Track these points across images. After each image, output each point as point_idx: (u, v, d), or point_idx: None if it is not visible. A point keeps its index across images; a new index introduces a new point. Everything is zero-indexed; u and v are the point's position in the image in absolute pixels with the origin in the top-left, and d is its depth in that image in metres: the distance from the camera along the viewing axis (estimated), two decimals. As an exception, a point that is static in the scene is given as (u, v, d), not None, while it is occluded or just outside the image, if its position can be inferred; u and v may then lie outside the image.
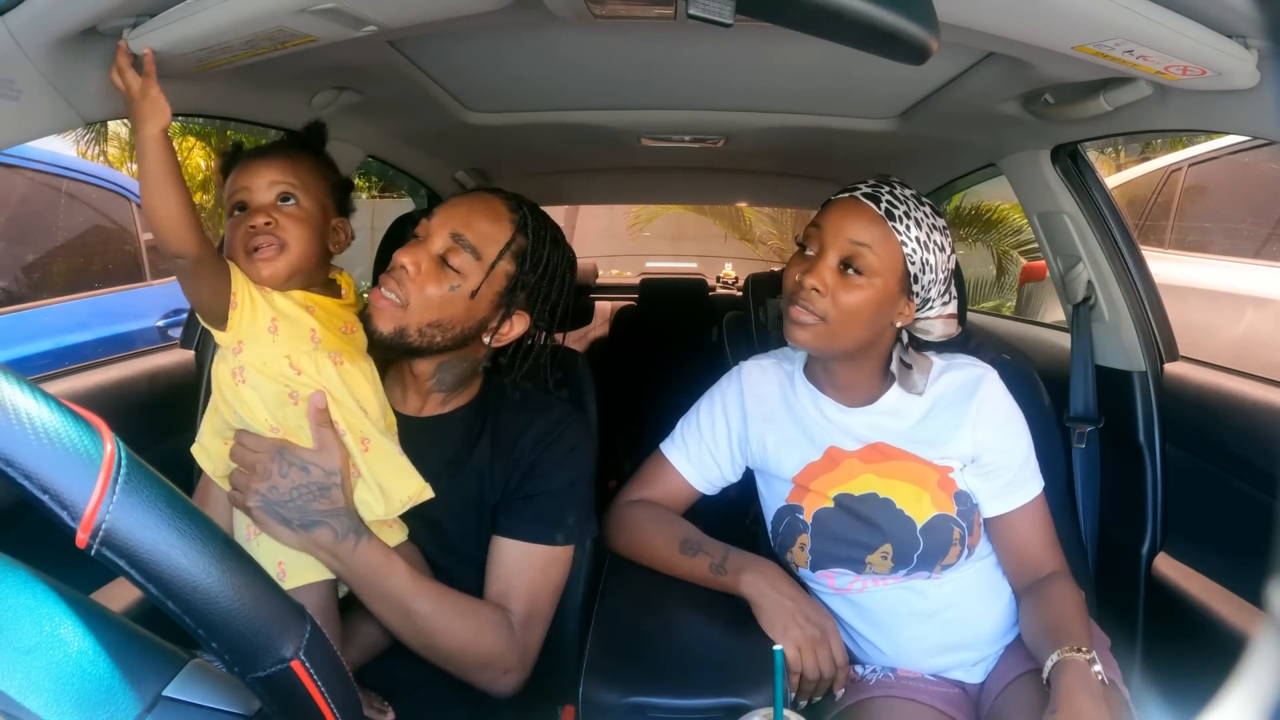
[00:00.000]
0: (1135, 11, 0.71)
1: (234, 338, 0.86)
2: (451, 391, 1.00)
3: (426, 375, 0.98)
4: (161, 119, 0.77)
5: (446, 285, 0.91)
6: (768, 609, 0.95)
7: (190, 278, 0.84)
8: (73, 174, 2.69)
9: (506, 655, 0.91)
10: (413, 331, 0.91)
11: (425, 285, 0.91)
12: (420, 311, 0.91)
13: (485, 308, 0.94)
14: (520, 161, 1.98)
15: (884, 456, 1.02)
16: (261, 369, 0.85)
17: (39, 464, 0.34)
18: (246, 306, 0.86)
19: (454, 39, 1.03)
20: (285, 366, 0.86)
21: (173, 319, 2.68)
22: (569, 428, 1.00)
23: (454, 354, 0.96)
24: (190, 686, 0.41)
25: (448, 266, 0.92)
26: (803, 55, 1.08)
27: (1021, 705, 0.94)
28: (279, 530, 0.83)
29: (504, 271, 0.94)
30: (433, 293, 0.91)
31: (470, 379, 1.01)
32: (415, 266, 0.91)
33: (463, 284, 0.92)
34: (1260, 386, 1.17)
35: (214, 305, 0.85)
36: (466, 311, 0.93)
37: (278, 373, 0.86)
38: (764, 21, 0.66)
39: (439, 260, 0.92)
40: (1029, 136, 1.31)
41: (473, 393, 1.02)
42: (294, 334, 0.88)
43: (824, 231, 0.97)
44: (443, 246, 0.92)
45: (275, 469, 0.83)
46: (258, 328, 0.86)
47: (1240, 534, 1.15)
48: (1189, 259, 2.94)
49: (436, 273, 0.91)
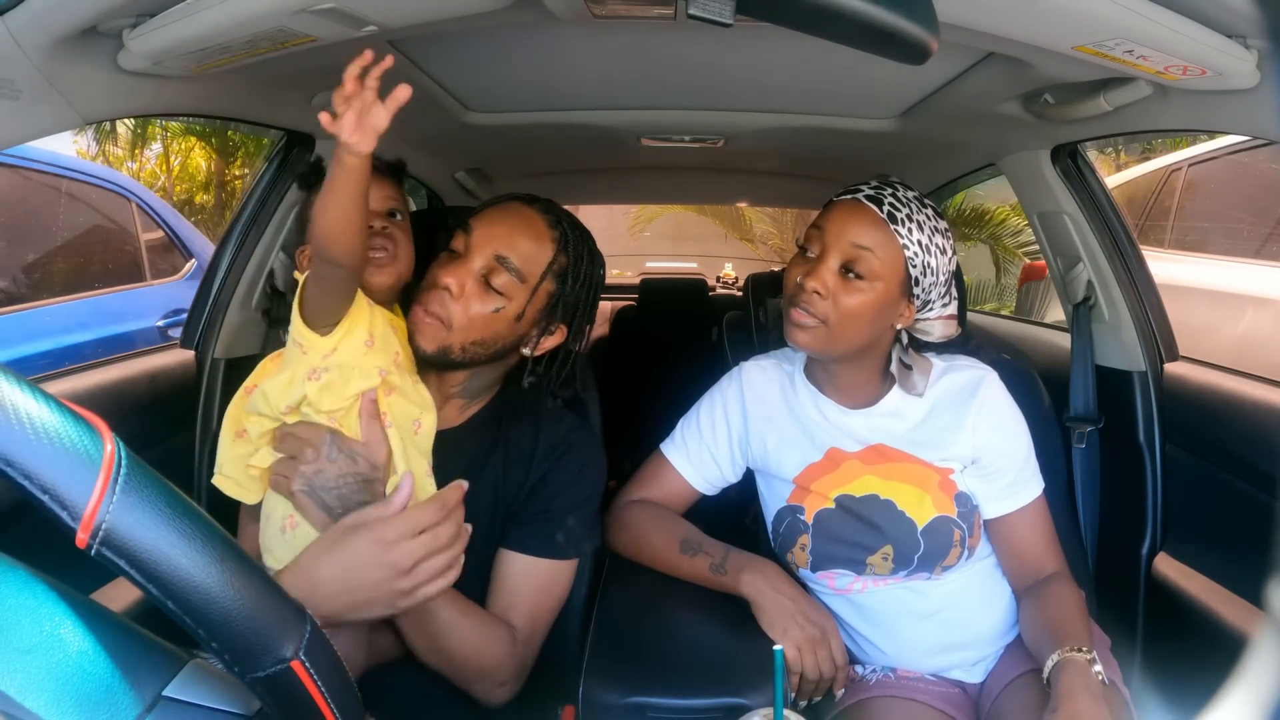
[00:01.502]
0: (1135, 11, 0.71)
1: (331, 344, 0.85)
2: (474, 399, 1.01)
3: (455, 382, 0.98)
4: (368, 145, 0.76)
5: (491, 306, 0.91)
6: (768, 609, 0.95)
7: (334, 287, 0.84)
8: (73, 174, 2.69)
9: (504, 669, 0.91)
10: (456, 350, 0.92)
11: (470, 306, 0.91)
12: (465, 331, 0.91)
13: (528, 326, 0.95)
14: (520, 161, 1.98)
15: (885, 458, 1.02)
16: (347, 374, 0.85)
17: (39, 464, 0.34)
18: (361, 321, 0.87)
19: (454, 39, 1.03)
20: (376, 379, 0.86)
21: (173, 319, 2.68)
22: (580, 443, 1.00)
23: (490, 365, 0.97)
24: (190, 686, 0.41)
25: (491, 288, 0.91)
26: (803, 55, 1.08)
27: (1021, 705, 0.94)
28: (320, 517, 0.82)
29: (546, 291, 0.94)
30: (477, 313, 0.91)
31: (494, 385, 1.02)
32: (460, 288, 0.90)
33: (507, 305, 0.92)
34: (1260, 386, 1.17)
35: (334, 313, 0.85)
36: (510, 330, 0.94)
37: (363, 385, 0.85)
38: (764, 21, 0.66)
39: (482, 280, 0.92)
40: (1029, 136, 1.31)
41: (487, 400, 1.03)
42: (384, 352, 0.89)
43: (826, 234, 0.97)
44: (485, 267, 0.92)
45: (324, 454, 0.83)
46: (358, 340, 0.87)
47: (1240, 534, 1.15)
48: (1189, 259, 2.94)
49: (481, 294, 0.91)
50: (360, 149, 0.76)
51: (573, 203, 4.17)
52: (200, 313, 1.44)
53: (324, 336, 0.86)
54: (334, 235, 0.79)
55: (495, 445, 0.99)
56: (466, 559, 0.95)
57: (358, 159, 0.76)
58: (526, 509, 0.96)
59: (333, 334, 0.86)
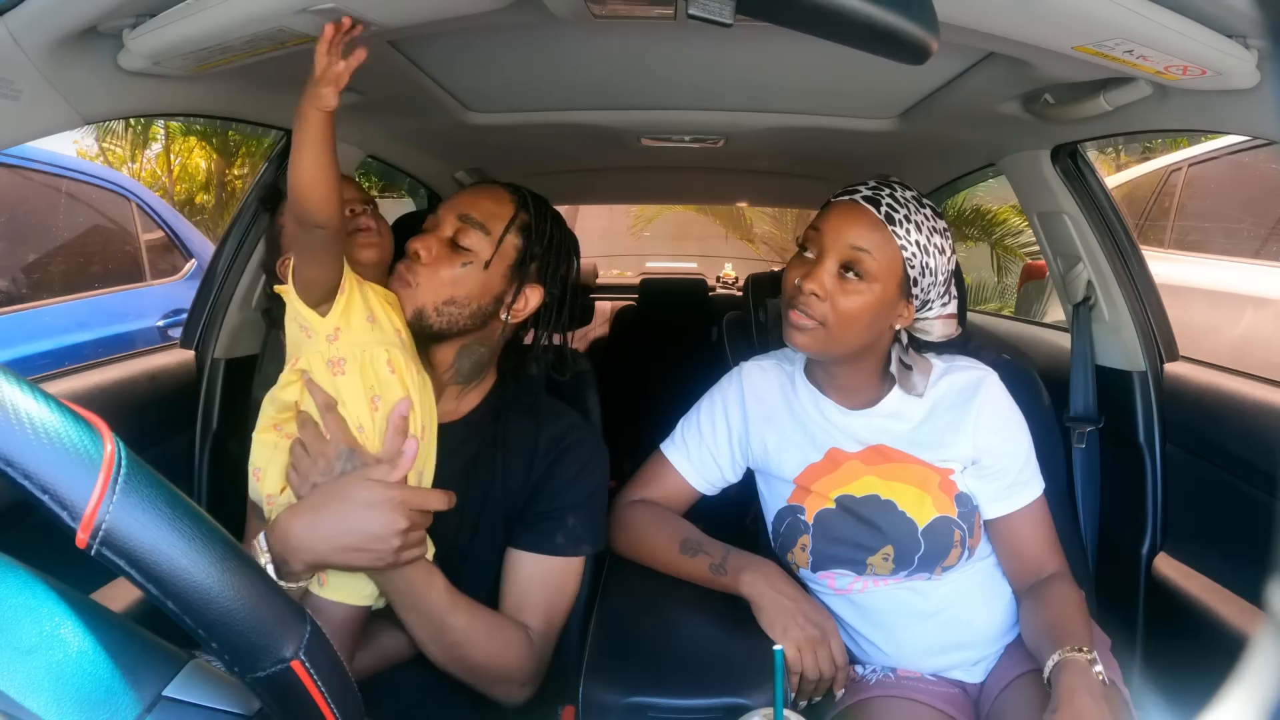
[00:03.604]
0: (1135, 11, 0.71)
1: (334, 323, 0.88)
2: (468, 383, 1.01)
3: (445, 364, 0.99)
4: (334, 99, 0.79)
5: (459, 263, 0.94)
6: (768, 609, 0.95)
7: (318, 251, 0.86)
8: (73, 174, 2.69)
9: (523, 670, 0.92)
10: (430, 311, 0.94)
11: (438, 267, 0.94)
12: (434, 290, 0.93)
13: (499, 281, 0.96)
14: (520, 161, 1.98)
15: (885, 459, 1.02)
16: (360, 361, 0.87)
17: (39, 464, 0.34)
18: (355, 294, 0.89)
19: (454, 39, 1.03)
20: (383, 363, 0.89)
21: (173, 319, 2.68)
22: (581, 439, 1.01)
23: (474, 335, 0.98)
24: (190, 686, 0.41)
25: (459, 247, 0.95)
26: (803, 55, 1.08)
27: (1022, 705, 0.94)
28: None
29: (512, 245, 0.97)
30: (445, 272, 0.94)
31: (485, 368, 1.03)
32: (427, 252, 0.94)
33: (475, 260, 0.95)
34: (1260, 386, 1.17)
35: (322, 285, 0.87)
36: (482, 286, 0.95)
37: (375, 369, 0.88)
38: (764, 21, 0.66)
39: (449, 243, 0.95)
40: (1029, 136, 1.31)
41: (485, 390, 1.03)
42: (388, 328, 0.92)
43: (824, 235, 0.96)
44: (452, 229, 0.96)
45: (339, 467, 0.84)
46: (359, 315, 0.89)
47: (1240, 534, 1.15)
48: (1189, 259, 2.94)
49: (448, 254, 0.95)
50: (329, 102, 0.79)
51: (573, 203, 4.17)
52: (200, 313, 1.44)
53: (324, 316, 0.87)
54: (309, 191, 0.81)
55: (495, 442, 0.99)
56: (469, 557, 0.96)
57: (323, 113, 0.79)
58: (531, 508, 0.97)
59: (331, 313, 0.87)
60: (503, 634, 0.90)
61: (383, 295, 0.94)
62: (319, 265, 0.86)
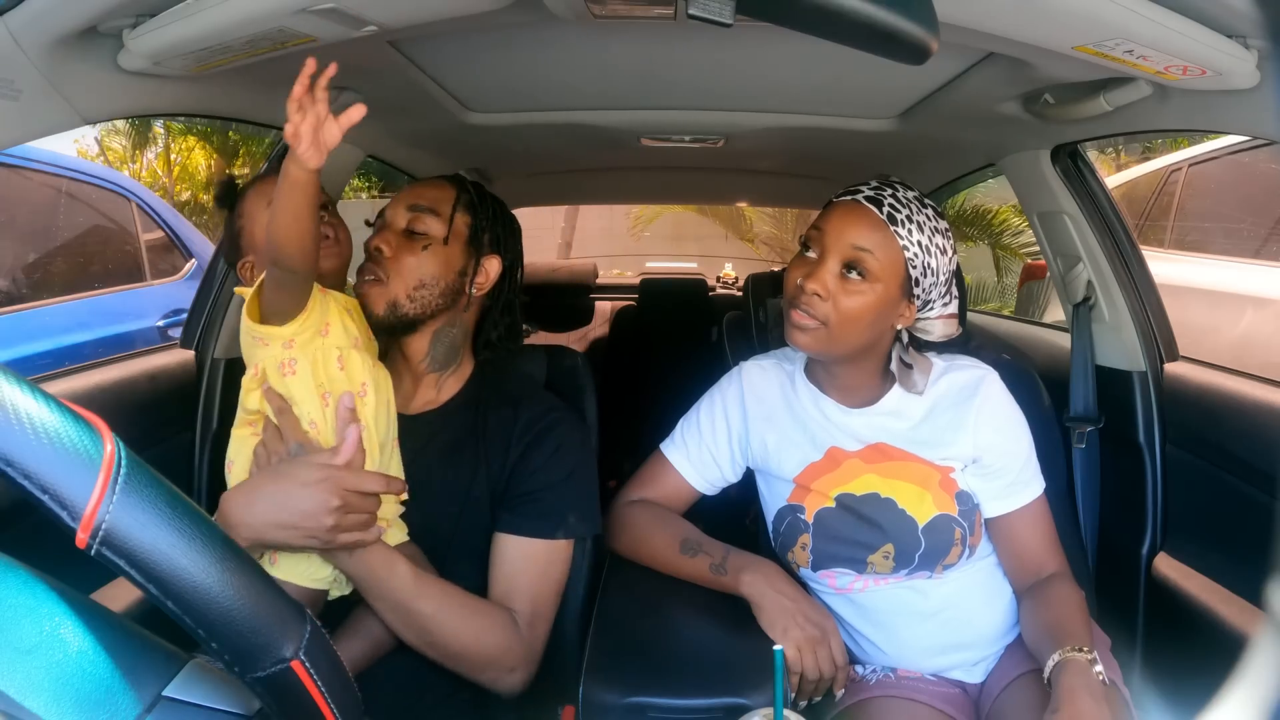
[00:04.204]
0: (1135, 11, 0.71)
1: (290, 335, 0.90)
2: (444, 369, 1.04)
3: (421, 353, 1.02)
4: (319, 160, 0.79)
5: (419, 246, 0.98)
6: (768, 609, 0.95)
7: (288, 289, 0.88)
8: (73, 174, 2.69)
9: (510, 654, 0.91)
10: (404, 299, 0.97)
11: (402, 257, 0.97)
12: (402, 278, 0.97)
13: (459, 256, 1.01)
14: (520, 161, 1.98)
15: (885, 457, 1.02)
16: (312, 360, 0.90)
17: (39, 464, 0.34)
18: (315, 309, 0.91)
19: (454, 39, 1.03)
20: (333, 361, 0.91)
21: (173, 319, 2.68)
22: (558, 421, 1.02)
23: (445, 317, 1.01)
24: (190, 686, 0.41)
25: (415, 234, 0.99)
26: (803, 55, 1.08)
27: (1022, 705, 0.94)
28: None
29: (463, 222, 1.01)
30: (409, 260, 0.97)
31: (460, 352, 1.05)
32: (389, 246, 0.97)
33: (433, 240, 0.99)
34: (1260, 386, 1.17)
35: (287, 310, 0.89)
36: (445, 263, 0.99)
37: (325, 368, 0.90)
38: (764, 21, 0.65)
39: (404, 234, 0.99)
40: (1029, 136, 1.31)
41: (464, 377, 1.06)
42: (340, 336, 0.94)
43: (825, 235, 0.97)
44: (404, 220, 1.00)
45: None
46: (313, 329, 0.92)
47: (1240, 534, 1.15)
48: (1189, 259, 2.94)
49: (408, 243, 0.98)
50: (311, 164, 0.79)
51: (573, 203, 4.18)
52: (200, 313, 1.44)
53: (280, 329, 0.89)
54: (290, 247, 0.83)
55: (475, 429, 1.01)
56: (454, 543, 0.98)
57: (307, 174, 0.80)
58: (511, 490, 0.98)
59: (290, 324, 0.89)
60: (481, 618, 0.90)
61: (344, 303, 0.97)
62: (285, 298, 0.89)
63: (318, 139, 0.78)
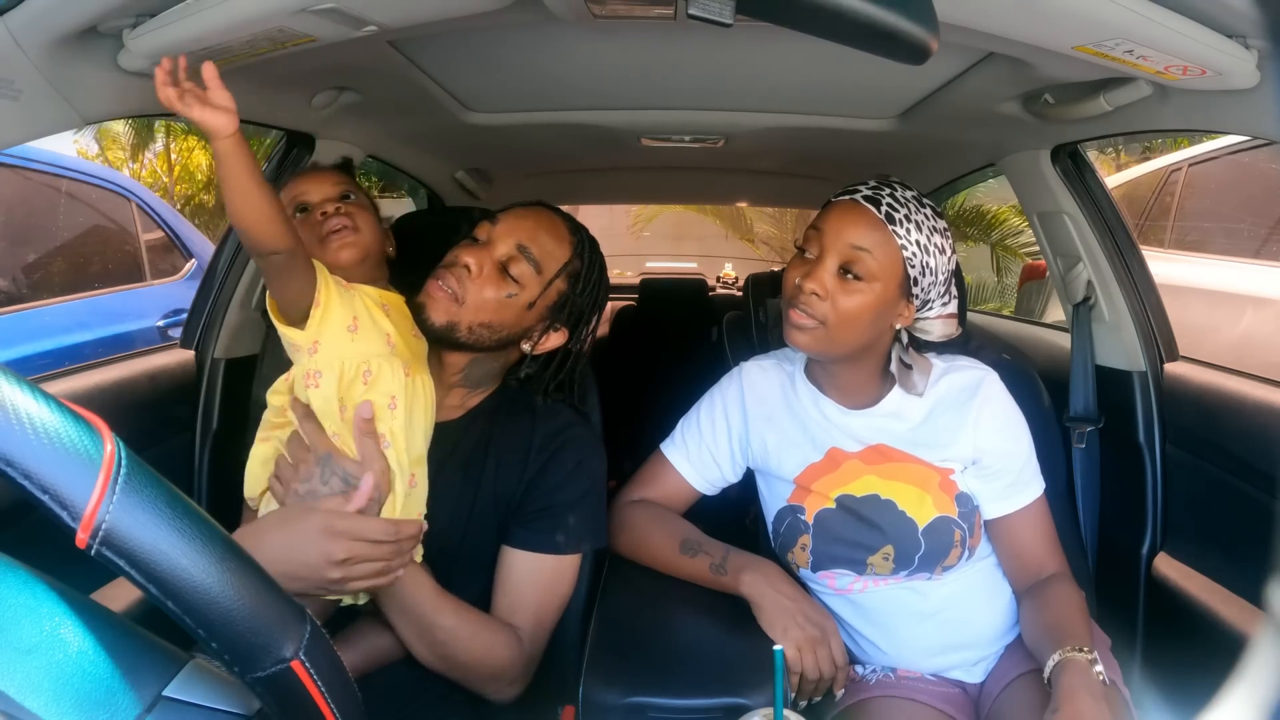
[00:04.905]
0: (1135, 11, 0.71)
1: (311, 337, 0.87)
2: (473, 389, 1.02)
3: (456, 369, 0.99)
4: (227, 126, 0.77)
5: (505, 291, 0.95)
6: (768, 609, 0.95)
7: (282, 274, 0.85)
8: (73, 174, 2.69)
9: (513, 668, 0.92)
10: (464, 328, 0.94)
11: (485, 288, 0.94)
12: (475, 310, 0.94)
13: (534, 319, 0.98)
14: (520, 161, 1.98)
15: (885, 458, 1.02)
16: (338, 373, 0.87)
17: (39, 464, 0.34)
18: (333, 304, 0.88)
19: (454, 39, 1.03)
20: (359, 379, 0.88)
21: (173, 319, 2.68)
22: (576, 437, 1.01)
23: (491, 354, 0.99)
24: (190, 686, 0.41)
25: (508, 274, 0.95)
26: (803, 55, 1.08)
27: (1022, 705, 0.94)
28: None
29: (557, 289, 0.98)
30: (490, 295, 0.94)
31: (493, 380, 1.03)
32: (478, 268, 0.94)
33: (520, 293, 0.96)
34: (1260, 386, 1.17)
35: (299, 302, 0.87)
36: (517, 319, 0.97)
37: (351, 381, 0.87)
38: (764, 21, 0.65)
39: (500, 266, 0.96)
40: (1029, 136, 1.31)
41: (486, 394, 1.04)
42: (372, 335, 0.90)
43: (824, 235, 0.96)
44: (506, 254, 0.96)
45: (318, 474, 0.84)
46: (338, 326, 0.88)
47: (1240, 534, 1.15)
48: (1189, 259, 2.94)
49: (497, 278, 0.95)
50: (224, 129, 0.77)
51: (573, 203, 4.18)
52: (200, 313, 1.44)
53: (302, 330, 0.87)
54: (249, 224, 0.81)
55: (491, 440, 0.99)
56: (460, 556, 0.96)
57: (226, 140, 0.78)
58: (526, 505, 0.97)
59: (308, 325, 0.87)
60: (491, 635, 0.91)
61: (376, 297, 0.93)
62: (285, 287, 0.86)
63: (208, 107, 0.76)
